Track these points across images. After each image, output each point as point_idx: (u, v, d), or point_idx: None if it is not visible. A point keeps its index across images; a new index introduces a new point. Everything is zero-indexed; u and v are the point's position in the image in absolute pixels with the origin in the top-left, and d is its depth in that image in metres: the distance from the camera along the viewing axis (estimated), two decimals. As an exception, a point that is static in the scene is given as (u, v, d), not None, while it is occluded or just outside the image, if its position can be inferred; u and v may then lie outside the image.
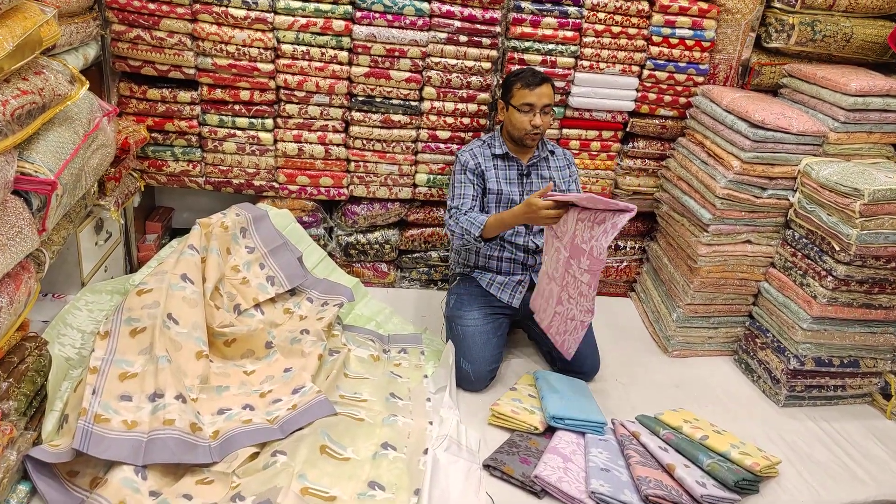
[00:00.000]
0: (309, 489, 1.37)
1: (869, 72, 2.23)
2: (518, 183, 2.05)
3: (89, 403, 1.40)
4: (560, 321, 1.82)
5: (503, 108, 2.02)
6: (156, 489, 1.36)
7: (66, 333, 1.66)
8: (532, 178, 2.06)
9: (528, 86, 1.93)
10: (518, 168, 2.05)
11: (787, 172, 2.07)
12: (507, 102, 1.99)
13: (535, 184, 2.06)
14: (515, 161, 2.04)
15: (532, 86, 1.93)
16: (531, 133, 1.96)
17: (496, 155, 2.03)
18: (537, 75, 1.96)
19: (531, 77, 1.95)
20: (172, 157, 2.24)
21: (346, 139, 2.31)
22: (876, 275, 1.95)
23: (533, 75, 1.96)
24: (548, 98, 1.95)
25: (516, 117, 1.96)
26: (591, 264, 1.64)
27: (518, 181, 2.05)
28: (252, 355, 1.81)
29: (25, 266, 1.38)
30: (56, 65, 1.51)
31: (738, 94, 2.23)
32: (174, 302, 1.66)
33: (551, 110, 2.00)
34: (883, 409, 2.11)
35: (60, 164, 1.42)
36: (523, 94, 1.94)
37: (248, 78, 2.15)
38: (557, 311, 1.82)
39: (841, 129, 2.08)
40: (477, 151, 2.04)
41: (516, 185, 2.04)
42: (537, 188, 2.05)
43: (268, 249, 2.01)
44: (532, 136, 1.98)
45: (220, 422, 1.55)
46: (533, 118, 1.94)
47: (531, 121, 1.94)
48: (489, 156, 2.03)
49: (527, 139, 1.99)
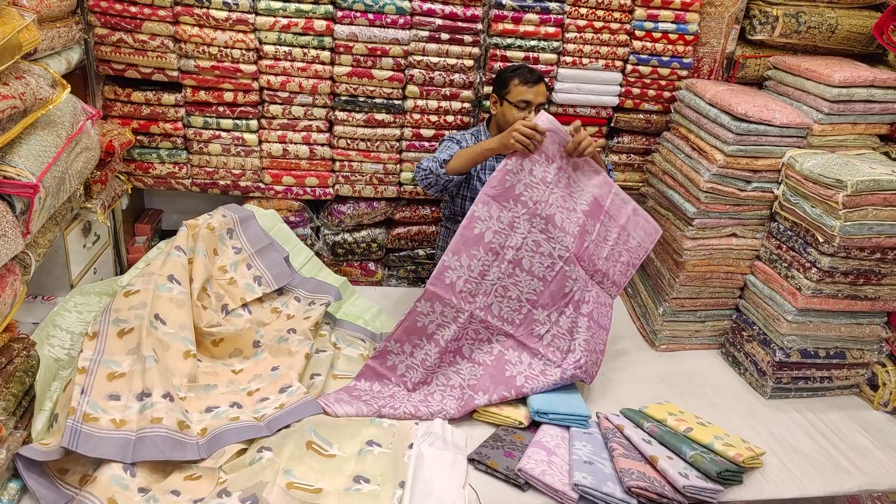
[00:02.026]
0: (294, 484, 1.39)
1: (853, 62, 2.22)
2: None
3: (78, 403, 1.43)
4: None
5: (496, 102, 2.01)
6: (144, 486, 1.38)
7: (55, 335, 1.68)
8: None
9: (527, 83, 1.92)
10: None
11: (772, 165, 2.08)
12: (502, 97, 1.98)
13: None
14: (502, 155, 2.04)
15: (530, 83, 1.92)
16: None
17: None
18: (534, 73, 1.96)
19: (529, 74, 1.94)
20: (158, 159, 2.26)
21: (331, 139, 2.32)
22: (861, 266, 1.96)
23: (531, 72, 1.95)
24: (543, 97, 1.95)
25: (510, 113, 1.95)
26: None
27: None
28: (240, 354, 1.83)
29: (11, 269, 1.40)
30: (37, 69, 1.53)
31: (722, 87, 2.23)
32: (161, 303, 1.69)
33: (544, 110, 1.97)
34: (870, 400, 2.12)
35: (43, 167, 1.44)
36: (521, 90, 1.92)
37: (231, 79, 2.16)
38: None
39: (825, 120, 2.08)
40: (467, 140, 2.05)
41: None
42: None
43: (255, 250, 2.03)
44: None
45: (208, 419, 1.58)
46: (528, 116, 1.92)
47: (526, 118, 1.91)
48: None
49: None
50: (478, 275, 1.78)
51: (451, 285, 1.76)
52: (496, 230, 1.77)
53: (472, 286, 1.78)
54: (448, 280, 1.75)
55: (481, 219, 1.76)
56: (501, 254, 1.79)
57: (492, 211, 1.76)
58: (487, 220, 1.76)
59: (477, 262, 1.77)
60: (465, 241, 1.76)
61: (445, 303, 1.76)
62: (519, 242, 1.80)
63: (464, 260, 1.76)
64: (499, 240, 1.78)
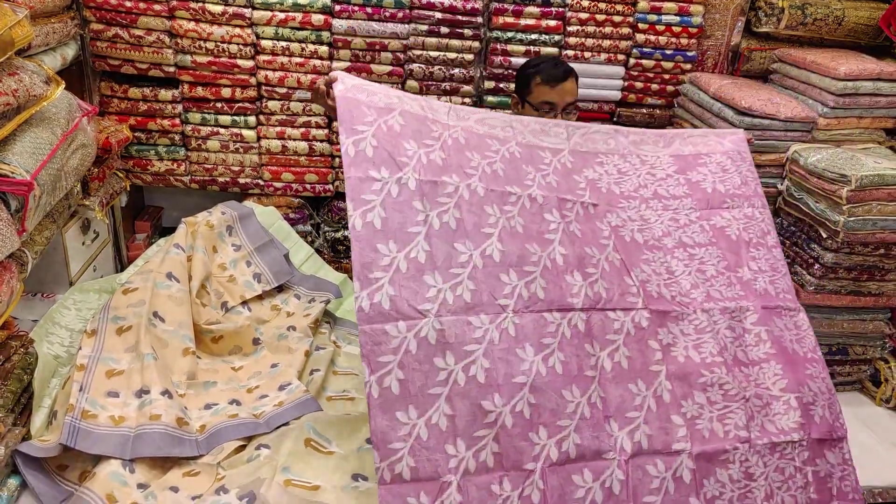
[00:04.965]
0: (292, 481, 1.39)
1: (859, 55, 2.19)
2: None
3: (77, 400, 1.43)
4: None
5: (517, 104, 1.77)
6: (143, 482, 1.39)
7: (54, 332, 1.68)
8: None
9: (549, 81, 1.66)
10: None
11: (776, 160, 2.05)
12: (523, 99, 1.73)
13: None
14: None
15: (553, 82, 1.66)
16: None
17: None
18: (560, 67, 1.69)
19: (552, 70, 1.67)
20: (157, 156, 2.25)
21: (329, 135, 2.31)
22: (864, 261, 1.93)
23: (555, 67, 1.68)
24: (571, 95, 1.68)
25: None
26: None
27: None
28: (239, 352, 1.83)
29: (7, 266, 1.40)
30: (31, 65, 1.52)
31: (727, 80, 2.20)
32: (160, 300, 1.68)
33: (575, 108, 1.73)
34: (873, 396, 2.10)
35: (37, 164, 1.43)
36: (542, 91, 1.67)
37: (228, 75, 2.15)
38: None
39: (830, 114, 2.05)
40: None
41: None
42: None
43: (254, 247, 2.02)
44: None
45: (207, 416, 1.58)
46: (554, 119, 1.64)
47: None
48: None
49: None
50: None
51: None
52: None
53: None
54: None
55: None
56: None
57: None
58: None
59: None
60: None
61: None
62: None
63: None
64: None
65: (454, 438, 1.13)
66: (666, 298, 1.39)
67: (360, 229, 1.16)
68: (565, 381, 1.21)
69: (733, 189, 1.58)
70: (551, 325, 1.24)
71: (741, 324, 1.43)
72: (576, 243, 1.35)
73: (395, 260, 1.17)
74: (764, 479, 1.30)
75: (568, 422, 1.18)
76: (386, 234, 1.18)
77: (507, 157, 1.37)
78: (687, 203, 1.52)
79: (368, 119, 1.25)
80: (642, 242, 1.44)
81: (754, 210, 1.58)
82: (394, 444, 1.11)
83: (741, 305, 1.44)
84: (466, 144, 1.34)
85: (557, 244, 1.32)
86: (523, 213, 1.32)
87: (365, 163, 1.21)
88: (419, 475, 1.11)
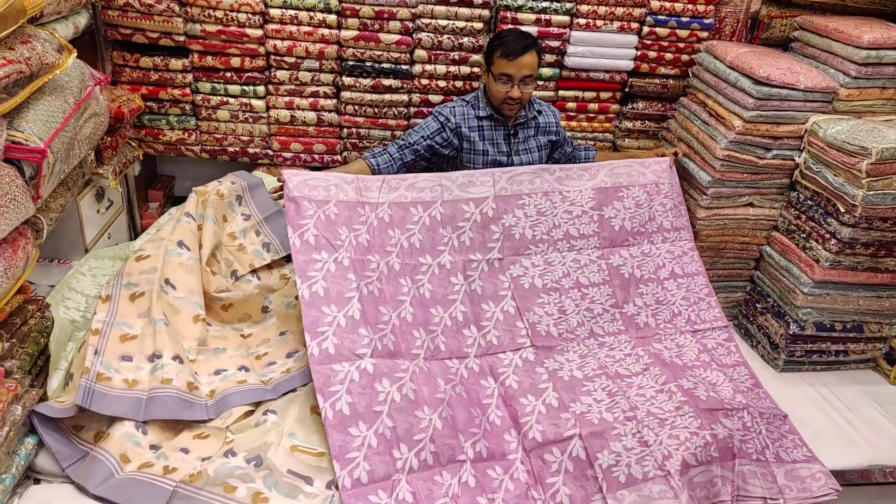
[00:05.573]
0: (298, 447, 1.43)
1: (885, 23, 2.10)
2: (506, 143, 2.01)
3: (91, 363, 1.47)
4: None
5: (485, 72, 1.92)
6: (156, 443, 1.44)
7: (70, 297, 1.73)
8: (519, 137, 2.02)
9: (507, 55, 1.79)
10: (504, 129, 2.00)
11: (794, 131, 1.99)
12: (489, 69, 1.89)
13: (522, 142, 2.01)
14: (501, 122, 1.99)
15: (511, 55, 1.79)
16: (508, 104, 1.89)
17: (480, 117, 1.97)
18: (521, 41, 1.81)
19: (513, 44, 1.80)
20: (168, 125, 2.27)
21: (338, 105, 2.29)
22: (883, 237, 1.88)
23: (516, 41, 1.81)
24: (529, 69, 1.82)
25: (493, 86, 1.88)
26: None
27: (506, 141, 2.01)
28: (249, 319, 1.86)
29: (23, 232, 1.44)
30: (43, 34, 1.53)
31: (745, 49, 2.13)
32: (171, 268, 1.72)
33: (533, 80, 1.88)
34: (887, 375, 2.07)
35: (51, 132, 1.45)
36: (501, 63, 1.81)
37: (237, 44, 2.14)
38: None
39: (852, 84, 1.98)
40: (458, 111, 1.97)
41: (504, 146, 2.00)
42: (524, 147, 2.01)
43: (263, 216, 2.04)
44: (509, 107, 1.91)
45: (217, 381, 1.62)
46: (510, 90, 1.83)
47: (508, 93, 1.84)
48: (473, 117, 1.98)
49: (504, 109, 1.92)
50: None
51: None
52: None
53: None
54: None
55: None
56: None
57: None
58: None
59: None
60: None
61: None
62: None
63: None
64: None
65: (398, 444, 1.42)
66: (553, 336, 1.74)
67: (307, 297, 1.51)
68: (470, 403, 1.56)
69: (639, 227, 1.92)
70: (452, 369, 1.61)
71: (621, 350, 1.76)
72: (475, 301, 1.71)
73: (335, 318, 1.52)
74: (659, 445, 1.51)
75: (477, 430, 1.51)
76: (328, 299, 1.53)
77: (427, 225, 1.71)
78: (592, 242, 1.87)
79: (309, 213, 1.60)
80: (541, 287, 1.78)
81: (652, 246, 1.93)
82: (351, 454, 1.38)
83: (619, 339, 1.80)
84: (390, 222, 1.68)
85: (459, 304, 1.69)
86: (432, 280, 1.68)
87: (309, 249, 1.57)
88: (375, 476, 1.37)
